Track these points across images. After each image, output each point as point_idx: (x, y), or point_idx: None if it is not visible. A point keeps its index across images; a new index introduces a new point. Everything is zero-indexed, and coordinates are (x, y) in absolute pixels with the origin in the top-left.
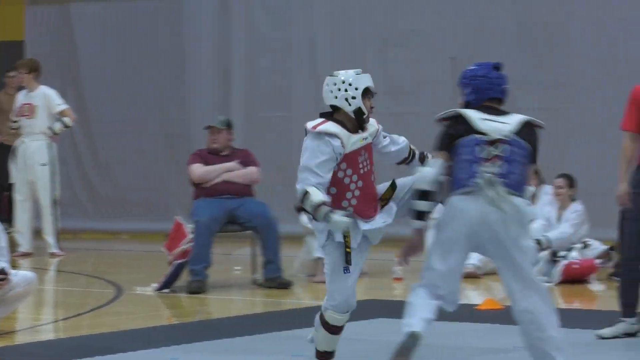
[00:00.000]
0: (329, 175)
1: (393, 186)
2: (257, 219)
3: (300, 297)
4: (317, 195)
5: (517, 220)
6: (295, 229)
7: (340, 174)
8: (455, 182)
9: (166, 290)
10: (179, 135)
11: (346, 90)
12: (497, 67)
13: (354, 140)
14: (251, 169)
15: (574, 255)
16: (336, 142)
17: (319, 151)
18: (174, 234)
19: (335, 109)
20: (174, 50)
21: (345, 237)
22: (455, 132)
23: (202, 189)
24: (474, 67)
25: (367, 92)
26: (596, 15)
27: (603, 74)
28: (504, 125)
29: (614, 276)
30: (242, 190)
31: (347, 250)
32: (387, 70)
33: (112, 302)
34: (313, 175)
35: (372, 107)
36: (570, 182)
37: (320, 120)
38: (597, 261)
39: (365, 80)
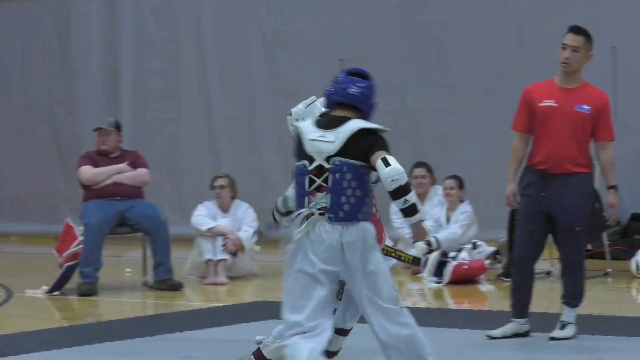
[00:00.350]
0: None
1: None
2: (147, 220)
3: (191, 299)
4: None
5: (358, 247)
6: (185, 230)
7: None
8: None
9: (57, 293)
10: (68, 137)
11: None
12: (352, 73)
13: None
14: (141, 171)
15: (464, 256)
16: None
17: None
18: (64, 237)
19: None
20: (61, 52)
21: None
22: (295, 150)
23: (91, 191)
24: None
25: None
26: (484, 18)
27: (492, 76)
28: (329, 144)
29: (503, 277)
30: (132, 192)
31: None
32: (275, 71)
33: (2, 304)
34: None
35: None
36: (460, 183)
37: None
38: (487, 262)
39: (315, 110)
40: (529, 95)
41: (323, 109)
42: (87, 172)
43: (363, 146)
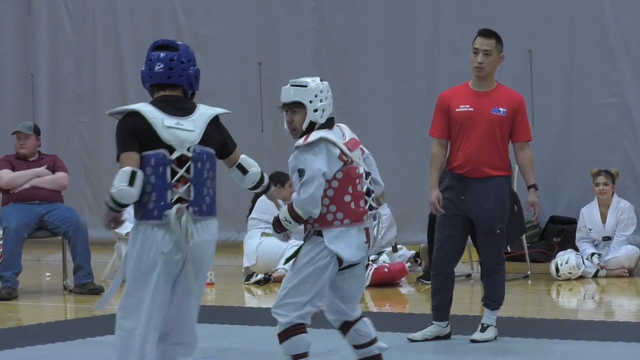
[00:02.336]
0: None
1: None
2: (66, 224)
3: (111, 303)
4: None
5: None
6: (105, 234)
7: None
8: (143, 207)
9: None
10: None
11: None
12: (158, 47)
13: None
14: (59, 175)
15: (384, 259)
16: None
17: None
18: None
19: None
20: None
21: None
22: (139, 135)
23: (10, 195)
24: None
25: (282, 108)
26: (397, 20)
27: (403, 78)
28: (190, 133)
29: (423, 279)
30: (51, 196)
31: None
32: None
33: None
34: None
35: (287, 122)
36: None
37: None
38: (407, 265)
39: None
40: (445, 101)
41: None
42: (6, 175)
43: (215, 134)
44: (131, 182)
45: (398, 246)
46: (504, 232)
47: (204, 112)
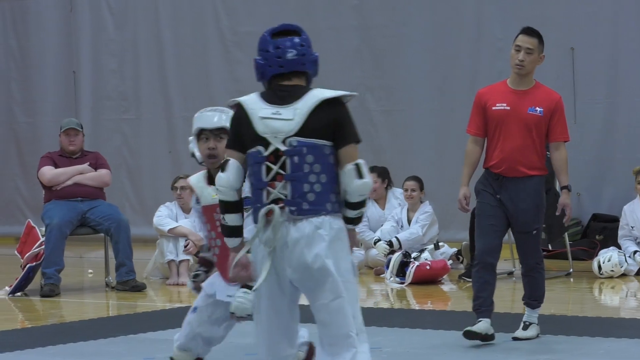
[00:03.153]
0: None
1: None
2: (108, 221)
3: (153, 300)
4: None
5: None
6: (147, 231)
7: (206, 228)
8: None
9: (19, 294)
10: (27, 138)
11: None
12: (277, 32)
13: (206, 194)
14: (102, 172)
15: (426, 256)
16: (194, 197)
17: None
18: (26, 238)
19: None
20: (19, 52)
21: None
22: (240, 130)
23: (53, 192)
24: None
25: (201, 134)
26: (441, 18)
27: (441, 78)
28: (286, 123)
29: (465, 277)
30: (94, 193)
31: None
32: (233, 72)
33: None
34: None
35: (210, 149)
36: (421, 184)
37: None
38: (449, 262)
39: (200, 121)
40: (482, 98)
41: (203, 124)
42: (48, 172)
43: (326, 121)
44: (223, 169)
45: (440, 244)
46: (541, 231)
47: (312, 96)
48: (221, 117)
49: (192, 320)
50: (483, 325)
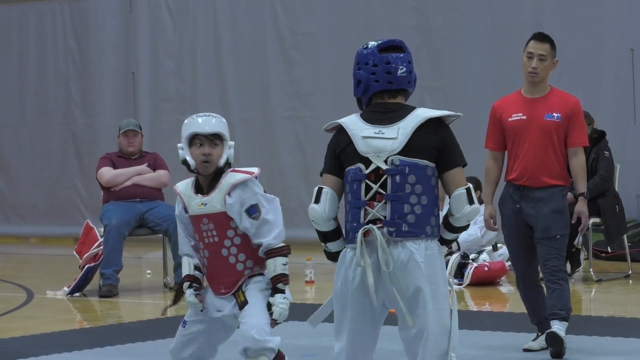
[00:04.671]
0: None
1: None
2: (167, 222)
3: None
4: (185, 269)
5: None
6: None
7: (193, 239)
8: (345, 228)
9: (77, 294)
10: (86, 138)
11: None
12: (384, 48)
13: (193, 204)
14: (160, 172)
15: (484, 257)
16: (179, 205)
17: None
18: (85, 238)
19: None
20: (78, 53)
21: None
22: (338, 153)
23: (111, 193)
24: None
25: (195, 139)
26: (492, 20)
27: (499, 80)
28: (389, 141)
29: None
30: (152, 194)
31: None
32: (291, 73)
33: (22, 306)
34: (185, 241)
35: (205, 155)
36: (478, 185)
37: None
38: (507, 264)
39: (192, 126)
40: (497, 111)
41: (194, 129)
42: (107, 173)
43: (430, 141)
44: (317, 200)
45: (498, 245)
46: (566, 238)
47: (416, 116)
48: (217, 122)
49: (179, 335)
50: (542, 340)
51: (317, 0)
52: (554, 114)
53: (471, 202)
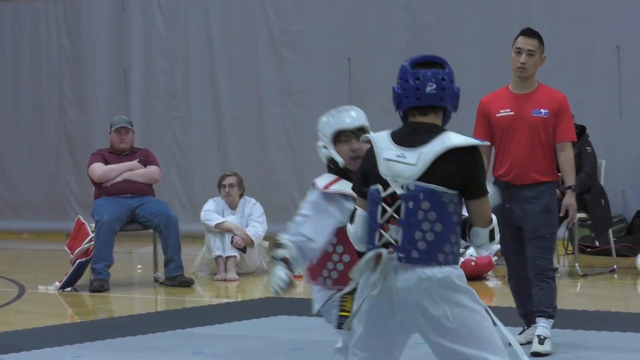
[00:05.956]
0: None
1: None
2: (157, 217)
3: (201, 295)
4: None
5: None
6: (195, 227)
7: (331, 242)
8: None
9: (68, 289)
10: (78, 134)
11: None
12: (419, 63)
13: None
14: (151, 169)
15: (471, 252)
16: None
17: None
18: (76, 233)
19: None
20: (72, 50)
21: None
22: (365, 171)
23: (103, 188)
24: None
25: (340, 136)
26: (483, 18)
27: (491, 77)
28: (409, 168)
29: None
30: (143, 190)
31: (341, 313)
32: (282, 71)
33: (14, 301)
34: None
35: (354, 150)
36: None
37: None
38: (494, 258)
39: (336, 123)
40: (485, 107)
41: (340, 125)
42: (99, 169)
43: (453, 170)
44: (351, 220)
45: None
46: (555, 236)
47: (440, 142)
48: (359, 115)
49: None
50: (528, 334)
51: None
52: (542, 110)
53: (492, 238)
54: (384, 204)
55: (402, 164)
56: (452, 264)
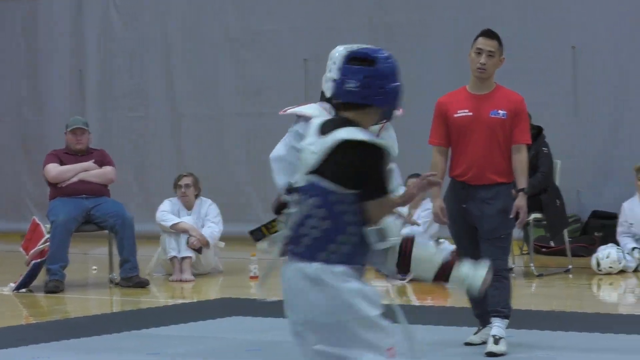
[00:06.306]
0: None
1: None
2: (113, 218)
3: (156, 296)
4: None
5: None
6: (151, 228)
7: None
8: None
9: (24, 290)
10: (34, 135)
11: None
12: (352, 58)
13: None
14: (107, 169)
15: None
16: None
17: None
18: (31, 234)
19: None
20: (28, 51)
21: None
22: None
23: (58, 189)
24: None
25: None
26: (452, 17)
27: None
28: (312, 156)
29: None
30: (99, 190)
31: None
32: (241, 70)
33: None
34: None
35: None
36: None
37: None
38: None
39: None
40: (442, 107)
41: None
42: (54, 170)
43: (347, 166)
44: None
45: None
46: (511, 237)
47: (337, 134)
48: None
49: None
50: (483, 334)
51: None
52: (500, 112)
53: (383, 239)
54: (286, 194)
55: (309, 152)
56: (335, 264)
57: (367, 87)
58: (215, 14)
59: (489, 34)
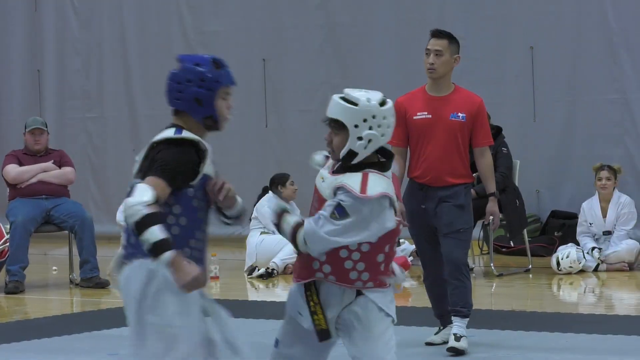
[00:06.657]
0: None
1: None
2: (72, 219)
3: (117, 297)
4: None
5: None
6: (111, 228)
7: None
8: None
9: None
10: None
11: None
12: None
13: None
14: (66, 169)
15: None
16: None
17: None
18: None
19: None
20: None
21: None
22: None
23: (17, 190)
24: None
25: None
26: (397, 17)
27: (405, 76)
28: (136, 164)
29: None
30: (58, 191)
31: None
32: None
33: None
34: None
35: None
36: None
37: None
38: (410, 259)
39: None
40: (402, 107)
41: None
42: (13, 170)
43: (145, 166)
44: None
45: (400, 240)
46: (470, 234)
47: (152, 141)
48: (343, 109)
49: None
50: (443, 334)
51: None
52: (459, 114)
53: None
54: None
55: (136, 161)
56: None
57: (170, 90)
58: (172, 14)
59: (436, 33)
